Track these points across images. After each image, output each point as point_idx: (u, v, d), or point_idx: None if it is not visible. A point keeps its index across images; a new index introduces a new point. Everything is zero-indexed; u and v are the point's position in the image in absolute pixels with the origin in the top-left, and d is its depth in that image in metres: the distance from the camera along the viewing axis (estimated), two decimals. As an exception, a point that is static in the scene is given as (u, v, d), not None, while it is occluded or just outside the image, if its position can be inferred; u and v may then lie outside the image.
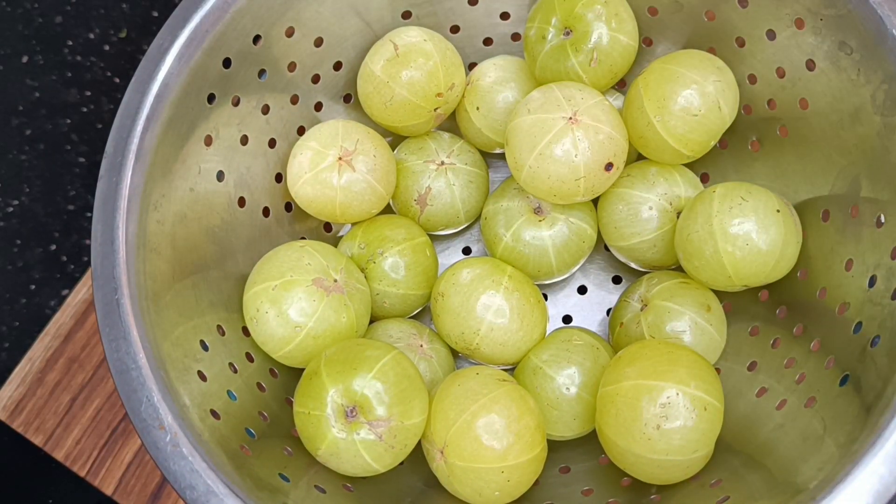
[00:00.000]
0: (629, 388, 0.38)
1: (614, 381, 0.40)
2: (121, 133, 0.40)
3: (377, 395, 0.38)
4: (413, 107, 0.47)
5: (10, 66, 0.70)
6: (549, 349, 0.45)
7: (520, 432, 0.39)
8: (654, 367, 0.38)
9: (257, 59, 0.45)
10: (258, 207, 0.48)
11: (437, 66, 0.47)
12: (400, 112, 0.48)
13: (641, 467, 0.39)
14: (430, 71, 0.47)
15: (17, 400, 0.57)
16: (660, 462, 0.38)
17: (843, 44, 0.40)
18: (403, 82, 0.46)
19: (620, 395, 0.39)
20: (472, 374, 0.41)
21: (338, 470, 0.40)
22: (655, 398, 0.37)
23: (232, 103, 0.45)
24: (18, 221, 0.67)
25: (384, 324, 0.47)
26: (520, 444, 0.39)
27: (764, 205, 0.41)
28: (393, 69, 0.47)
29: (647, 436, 0.37)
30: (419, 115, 0.48)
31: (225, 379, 0.41)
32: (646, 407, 0.38)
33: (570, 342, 0.45)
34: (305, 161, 0.46)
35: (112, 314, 0.37)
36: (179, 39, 0.42)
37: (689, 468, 0.39)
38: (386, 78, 0.47)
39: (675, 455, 0.37)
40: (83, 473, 0.55)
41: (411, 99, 0.47)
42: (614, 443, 0.39)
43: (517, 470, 0.39)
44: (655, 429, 0.37)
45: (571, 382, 0.44)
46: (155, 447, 0.35)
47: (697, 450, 0.38)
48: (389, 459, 0.39)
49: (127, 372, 0.36)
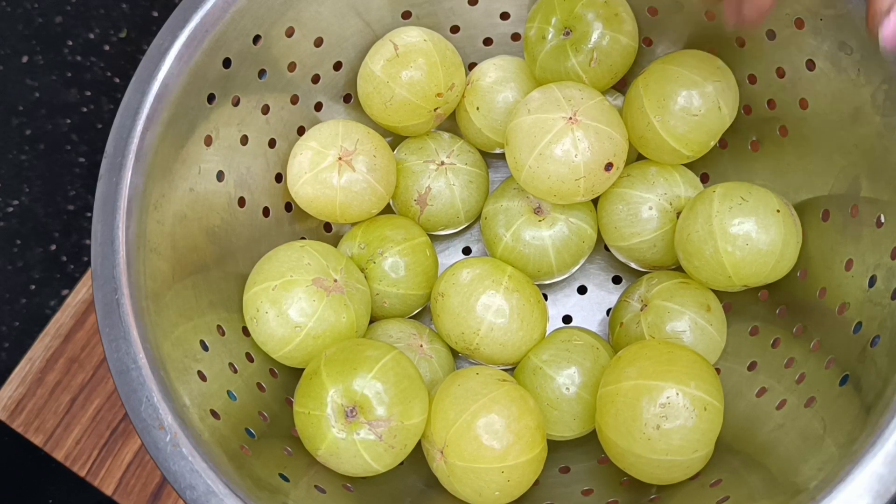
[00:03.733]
0: (629, 388, 0.38)
1: (614, 381, 0.40)
2: (121, 133, 0.40)
3: (377, 395, 0.38)
4: (413, 107, 0.47)
5: (10, 66, 0.71)
6: (548, 349, 0.45)
7: (520, 432, 0.39)
8: (654, 367, 0.38)
9: (257, 59, 0.45)
10: (258, 207, 0.48)
11: (437, 66, 0.47)
12: (400, 112, 0.48)
13: (641, 467, 0.39)
14: (429, 71, 0.47)
15: (17, 400, 0.57)
16: (660, 462, 0.38)
17: (843, 44, 0.40)
18: (403, 82, 0.46)
19: (620, 395, 0.39)
20: (472, 374, 0.41)
21: (337, 470, 0.40)
22: (655, 398, 0.37)
23: (232, 103, 0.45)
24: (18, 221, 0.67)
25: (384, 324, 0.47)
26: (520, 444, 0.39)
27: (764, 205, 0.41)
28: (393, 69, 0.47)
29: (647, 436, 0.37)
30: (419, 115, 0.48)
31: (225, 379, 0.41)
32: (646, 407, 0.38)
33: (570, 342, 0.45)
34: (305, 161, 0.46)
35: (112, 314, 0.37)
36: (179, 39, 0.42)
37: (690, 468, 0.39)
38: (386, 78, 0.47)
39: (675, 455, 0.37)
40: (83, 473, 0.55)
41: (411, 99, 0.47)
42: (614, 443, 0.39)
43: (517, 470, 0.39)
44: (655, 429, 0.37)
45: (571, 382, 0.44)
46: (155, 447, 0.35)
47: (697, 450, 0.38)
48: (389, 459, 0.39)
49: (127, 372, 0.36)
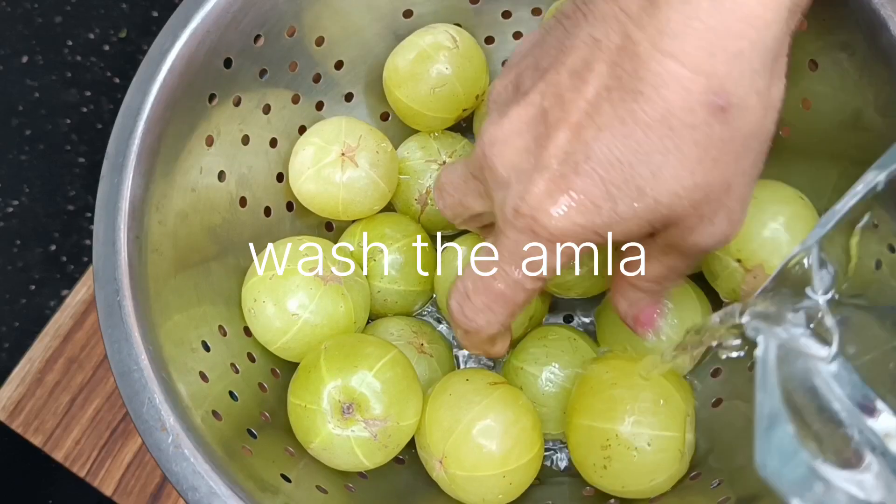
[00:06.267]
0: (577, 426, 0.40)
1: (570, 414, 0.41)
2: (122, 134, 0.40)
3: (375, 394, 0.38)
4: (457, 100, 0.48)
5: (10, 66, 0.70)
6: (526, 350, 0.45)
7: (518, 435, 0.39)
8: (599, 405, 0.39)
9: (258, 58, 0.45)
10: (260, 207, 0.47)
11: (482, 67, 0.49)
12: (442, 102, 0.48)
13: (607, 490, 0.40)
14: (477, 70, 0.49)
15: (17, 400, 0.56)
16: (621, 490, 0.39)
17: (845, 44, 0.39)
18: (458, 74, 0.48)
19: (573, 431, 0.40)
20: (463, 381, 0.41)
21: (328, 464, 0.40)
22: (598, 441, 0.38)
23: (233, 103, 0.45)
24: (18, 221, 0.67)
25: (385, 322, 0.47)
26: (519, 447, 0.39)
27: None
28: (453, 61, 0.48)
29: (598, 474, 0.39)
30: (455, 109, 0.49)
31: (227, 379, 0.41)
32: (592, 449, 0.39)
33: (546, 338, 0.45)
34: (308, 157, 0.46)
35: (114, 315, 0.37)
36: (180, 40, 0.42)
37: (656, 489, 0.39)
38: (443, 66, 0.48)
39: (632, 486, 0.38)
40: (83, 474, 0.55)
41: (459, 92, 0.48)
42: (579, 469, 0.41)
43: (518, 472, 0.39)
44: (604, 468, 0.38)
45: (554, 377, 0.43)
46: (157, 448, 0.35)
47: (654, 478, 0.38)
48: (381, 458, 0.39)
49: (129, 374, 0.36)
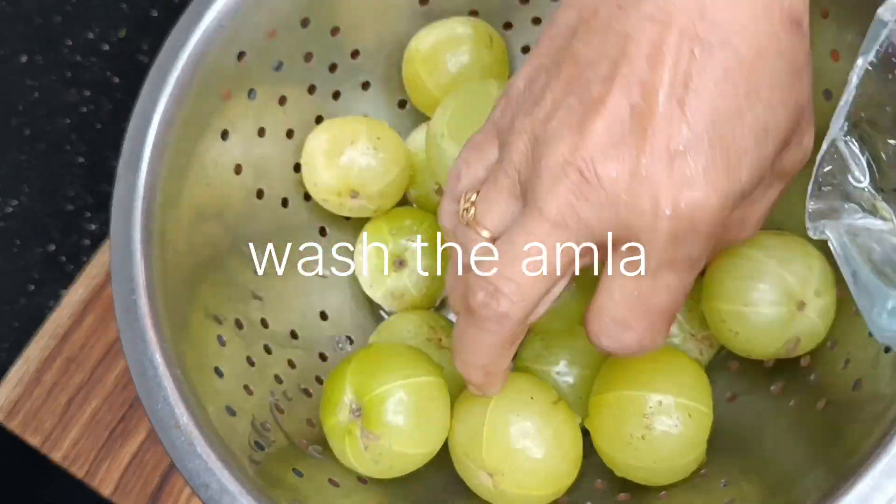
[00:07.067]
0: (613, 398, 0.39)
1: (601, 390, 0.40)
2: (137, 132, 0.41)
3: (379, 412, 0.38)
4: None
5: (9, 66, 0.70)
6: (527, 349, 0.44)
7: (574, 458, 0.40)
8: (638, 376, 0.39)
9: (272, 51, 0.45)
10: (277, 198, 0.48)
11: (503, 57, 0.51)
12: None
13: (630, 472, 0.40)
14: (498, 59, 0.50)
15: (14, 401, 0.56)
16: (648, 468, 0.39)
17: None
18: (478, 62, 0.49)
19: (605, 405, 0.39)
20: (527, 399, 0.39)
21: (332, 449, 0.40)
22: (639, 408, 0.38)
23: (248, 96, 0.45)
24: (18, 221, 0.68)
25: (402, 317, 0.47)
26: (573, 466, 0.40)
27: None
28: (499, 46, 0.50)
29: (633, 446, 0.38)
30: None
31: (242, 374, 0.41)
32: (630, 417, 0.38)
33: (547, 332, 0.44)
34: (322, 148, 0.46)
35: (130, 314, 0.38)
36: (193, 36, 0.42)
37: (680, 471, 0.39)
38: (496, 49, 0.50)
39: (662, 462, 0.38)
40: (81, 475, 0.54)
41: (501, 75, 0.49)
42: (601, 449, 0.40)
43: (566, 486, 0.40)
44: (641, 438, 0.38)
45: (567, 370, 0.43)
46: (172, 446, 0.36)
47: (685, 454, 0.38)
48: (371, 469, 0.39)
49: (144, 372, 0.37)
